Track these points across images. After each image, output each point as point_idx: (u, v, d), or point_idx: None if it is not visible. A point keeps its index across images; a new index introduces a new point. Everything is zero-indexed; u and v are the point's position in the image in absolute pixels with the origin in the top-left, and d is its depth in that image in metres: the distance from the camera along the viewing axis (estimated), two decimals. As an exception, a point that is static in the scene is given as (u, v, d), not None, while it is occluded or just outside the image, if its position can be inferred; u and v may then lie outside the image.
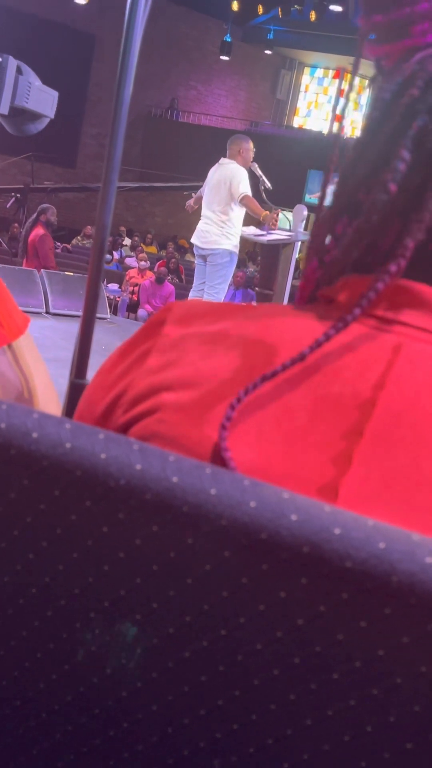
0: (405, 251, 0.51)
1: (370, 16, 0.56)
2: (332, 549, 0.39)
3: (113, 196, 1.14)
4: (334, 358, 0.52)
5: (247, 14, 18.20)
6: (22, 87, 1.45)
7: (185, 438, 0.52)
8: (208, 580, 0.42)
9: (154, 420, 0.54)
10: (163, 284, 10.36)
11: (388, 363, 0.51)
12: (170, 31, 19.16)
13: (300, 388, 0.52)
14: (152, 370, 0.57)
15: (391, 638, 0.39)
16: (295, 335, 0.54)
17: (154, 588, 0.44)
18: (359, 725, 0.41)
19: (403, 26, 0.55)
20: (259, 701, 0.43)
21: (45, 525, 0.45)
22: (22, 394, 0.89)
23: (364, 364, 0.52)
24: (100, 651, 0.46)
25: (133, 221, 18.65)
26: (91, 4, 16.73)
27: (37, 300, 7.07)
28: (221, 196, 5.79)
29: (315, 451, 0.50)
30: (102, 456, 0.43)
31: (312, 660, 0.41)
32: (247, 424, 0.51)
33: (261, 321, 0.56)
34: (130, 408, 0.57)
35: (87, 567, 0.45)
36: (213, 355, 0.55)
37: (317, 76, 22.86)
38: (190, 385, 0.54)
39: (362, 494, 0.48)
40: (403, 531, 0.40)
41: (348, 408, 0.50)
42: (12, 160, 13.79)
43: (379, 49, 0.57)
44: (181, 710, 0.45)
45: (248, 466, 0.50)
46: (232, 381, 0.53)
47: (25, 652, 0.48)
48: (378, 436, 0.49)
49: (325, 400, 0.51)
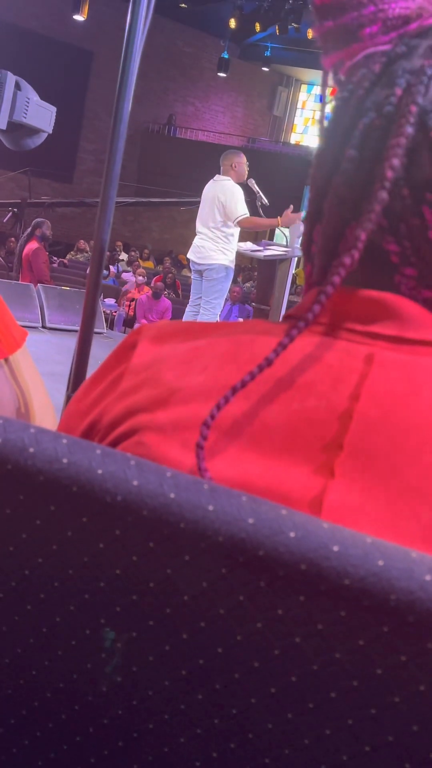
0: (356, 242, 0.51)
1: (321, 24, 0.58)
2: (330, 566, 0.39)
3: (112, 211, 1.14)
4: (307, 372, 0.52)
5: (244, 32, 18.34)
6: (20, 102, 1.46)
7: (165, 459, 0.52)
8: (204, 598, 0.42)
9: (133, 443, 0.54)
10: (159, 299, 10.38)
11: (362, 374, 0.51)
12: (168, 48, 19.32)
13: (275, 403, 0.52)
14: (126, 392, 0.57)
15: (390, 657, 0.39)
16: (265, 350, 0.54)
17: (150, 605, 0.43)
18: (357, 744, 0.41)
19: (352, 31, 0.56)
20: (256, 720, 0.43)
21: (41, 541, 0.45)
22: (19, 408, 0.89)
23: (337, 376, 0.52)
24: (96, 669, 0.46)
25: (130, 236, 18.72)
26: (90, 21, 16.85)
27: (33, 314, 7.08)
28: (216, 213, 5.81)
29: (295, 466, 0.50)
30: (99, 471, 0.43)
31: (309, 678, 0.41)
32: (225, 444, 0.51)
33: (233, 338, 0.56)
34: (107, 433, 0.57)
35: (83, 583, 0.45)
36: (187, 374, 0.55)
37: (314, 93, 23.00)
38: (165, 404, 0.54)
39: (345, 506, 0.48)
40: (401, 549, 0.39)
41: (324, 421, 0.50)
42: (9, 175, 13.84)
43: (333, 57, 0.59)
44: (177, 729, 0.45)
45: (229, 484, 0.50)
46: (207, 398, 0.53)
47: (20, 669, 0.48)
48: (357, 448, 0.49)
49: (301, 414, 0.51)
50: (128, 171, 17.99)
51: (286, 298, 5.45)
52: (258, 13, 17.34)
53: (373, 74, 0.54)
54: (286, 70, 22.08)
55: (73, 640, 0.46)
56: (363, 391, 0.51)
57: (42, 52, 16.71)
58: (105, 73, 17.84)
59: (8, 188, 15.39)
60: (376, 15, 0.55)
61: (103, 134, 18.10)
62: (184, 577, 0.42)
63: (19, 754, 0.49)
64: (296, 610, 0.40)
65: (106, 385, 0.60)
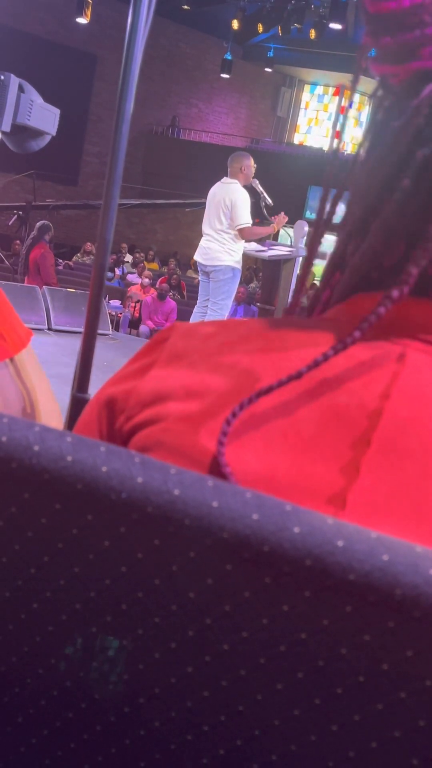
0: (408, 278, 0.51)
1: (377, 38, 0.56)
2: (335, 562, 0.39)
3: (115, 212, 1.15)
4: (339, 370, 0.52)
5: (247, 33, 18.35)
6: (24, 105, 1.46)
7: (189, 447, 0.53)
8: (210, 594, 0.42)
9: (159, 429, 0.55)
10: (164, 300, 10.38)
11: (394, 373, 0.51)
12: (171, 50, 19.34)
13: (306, 399, 0.52)
14: (156, 378, 0.58)
15: (395, 652, 0.39)
16: (298, 353, 0.54)
17: (155, 602, 0.43)
18: (364, 741, 0.41)
19: (412, 49, 0.54)
20: (263, 716, 0.43)
21: (46, 539, 0.45)
22: (24, 407, 0.89)
23: (369, 374, 0.52)
24: (100, 668, 0.46)
25: (135, 238, 18.73)
26: (93, 24, 16.87)
27: (39, 316, 7.09)
28: (223, 215, 5.82)
29: (322, 461, 0.50)
30: (103, 469, 0.43)
31: (315, 674, 0.41)
32: (253, 436, 0.51)
33: (266, 338, 0.56)
34: (134, 415, 0.57)
35: (88, 581, 0.45)
36: (218, 369, 0.55)
37: (317, 94, 23.00)
38: (195, 395, 0.54)
39: (370, 504, 0.48)
40: (406, 543, 0.39)
41: (354, 418, 0.50)
42: (14, 178, 13.87)
43: (386, 68, 0.57)
44: (183, 726, 0.45)
45: (254, 477, 0.50)
46: (237, 395, 0.53)
47: (27, 668, 0.48)
48: (385, 446, 0.49)
49: (331, 410, 0.51)
50: (132, 173, 18.04)
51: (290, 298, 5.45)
52: (260, 14, 17.35)
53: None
54: (289, 70, 22.07)
55: (79, 638, 0.46)
56: (394, 390, 0.51)
57: (46, 56, 16.75)
58: (109, 76, 17.87)
59: (13, 191, 15.42)
60: None
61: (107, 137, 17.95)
62: (189, 573, 0.42)
63: (27, 753, 0.49)
64: (302, 606, 0.40)
65: (136, 370, 0.60)
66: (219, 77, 20.32)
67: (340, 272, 0.60)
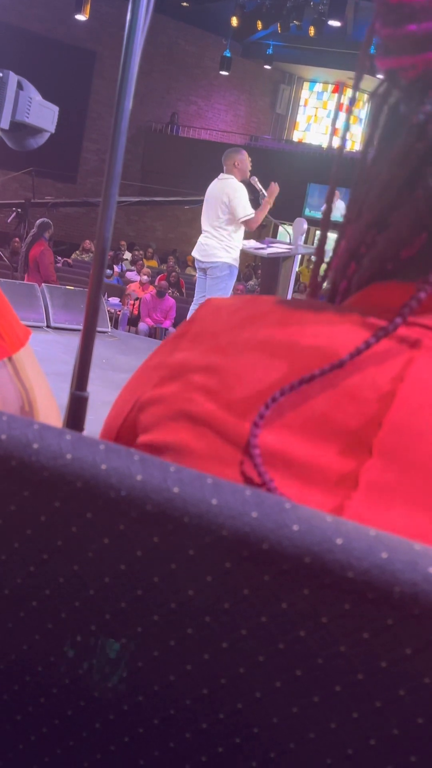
0: None
1: (399, 27, 0.54)
2: (334, 559, 0.39)
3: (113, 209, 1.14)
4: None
5: (246, 30, 18.32)
6: (22, 102, 1.46)
7: (215, 421, 0.53)
8: (209, 592, 0.42)
9: (184, 399, 0.55)
10: (164, 298, 10.38)
11: (409, 357, 0.52)
12: (170, 47, 19.32)
13: (320, 379, 0.52)
14: (183, 352, 0.59)
15: (394, 649, 0.39)
16: (331, 341, 0.54)
17: (154, 600, 0.43)
18: (362, 738, 0.41)
19: (428, 39, 0.53)
20: (262, 714, 0.43)
21: (45, 537, 0.45)
22: (23, 406, 0.89)
23: (383, 357, 0.52)
24: (100, 666, 0.46)
25: (134, 235, 18.73)
26: (92, 20, 16.86)
27: (38, 314, 7.09)
28: (221, 211, 5.82)
29: (335, 439, 0.50)
30: (103, 467, 0.43)
31: (314, 672, 0.41)
32: (269, 415, 0.52)
33: (296, 325, 0.56)
34: (160, 384, 0.58)
35: (88, 579, 0.45)
36: (246, 351, 0.56)
37: (316, 91, 22.99)
38: (222, 374, 0.55)
39: (382, 484, 0.48)
40: (405, 541, 0.39)
41: (367, 399, 0.51)
42: (13, 175, 13.85)
43: (401, 60, 0.56)
44: (183, 724, 0.45)
45: (269, 453, 0.51)
46: (269, 381, 0.53)
47: (26, 666, 0.48)
48: (397, 427, 0.49)
49: (343, 390, 0.51)
50: (132, 170, 18.03)
51: (289, 296, 5.45)
52: (259, 11, 17.32)
53: None
54: (288, 67, 22.06)
55: (79, 636, 0.46)
56: (408, 374, 0.51)
57: (45, 53, 16.73)
58: (108, 73, 17.86)
59: (12, 188, 15.42)
60: None
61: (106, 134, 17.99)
62: (188, 571, 0.42)
63: (25, 751, 0.49)
64: (301, 604, 0.40)
65: (165, 347, 0.62)
66: (218, 74, 20.29)
67: (355, 263, 0.60)
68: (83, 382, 1.17)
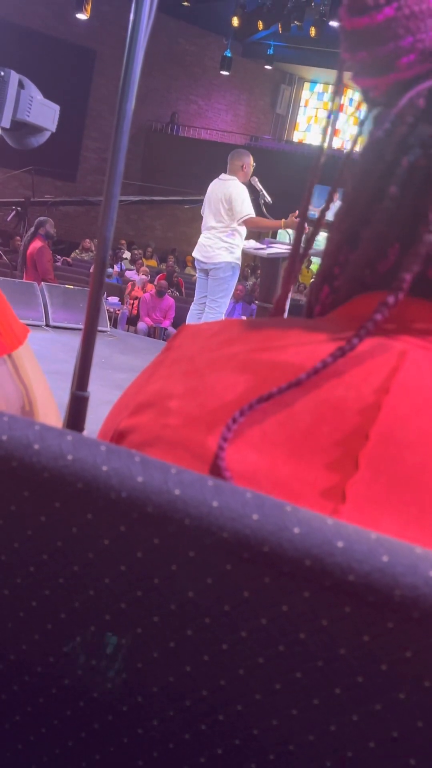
0: (402, 284, 0.52)
1: (354, 53, 0.57)
2: (335, 562, 0.39)
3: (115, 210, 1.14)
4: (338, 364, 0.53)
5: (247, 30, 18.30)
6: (23, 101, 1.46)
7: (189, 443, 0.53)
8: (209, 594, 0.42)
9: (159, 425, 0.55)
10: (163, 297, 10.38)
11: (393, 368, 0.52)
12: (171, 47, 19.31)
13: (303, 392, 0.52)
14: (161, 379, 0.59)
15: (394, 652, 0.39)
16: (300, 358, 0.54)
17: (155, 601, 0.43)
18: (362, 741, 0.41)
19: (389, 61, 0.55)
20: (261, 716, 0.43)
21: (46, 537, 0.45)
22: (23, 404, 0.89)
23: (367, 369, 0.52)
24: (99, 665, 0.46)
25: (134, 234, 18.71)
26: (93, 19, 16.85)
27: (37, 313, 7.09)
28: (222, 212, 5.81)
29: (320, 453, 0.50)
30: (103, 468, 0.43)
31: (314, 675, 0.41)
32: (251, 430, 0.52)
33: (270, 342, 0.57)
34: (135, 412, 0.58)
35: (88, 580, 0.45)
36: (221, 370, 0.56)
37: (317, 91, 22.99)
38: (196, 395, 0.55)
39: (370, 497, 0.48)
40: (406, 544, 0.39)
41: (351, 411, 0.50)
42: (13, 174, 13.85)
43: (366, 81, 0.59)
44: (182, 725, 0.45)
45: (252, 470, 0.50)
46: (238, 397, 0.53)
47: (25, 666, 0.48)
48: (384, 439, 0.49)
49: (327, 403, 0.51)
50: (131, 170, 18.02)
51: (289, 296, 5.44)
52: (260, 11, 17.31)
53: (418, 109, 0.55)
54: (288, 68, 22.04)
55: (78, 636, 0.46)
56: (393, 385, 0.51)
57: (45, 51, 16.73)
58: (108, 71, 17.85)
59: (12, 187, 15.40)
60: (413, 45, 0.54)
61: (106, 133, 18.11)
62: (188, 573, 0.42)
63: (24, 751, 0.49)
64: (301, 607, 0.40)
65: (146, 375, 0.62)
66: (219, 74, 20.29)
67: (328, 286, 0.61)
68: (84, 382, 1.17)
